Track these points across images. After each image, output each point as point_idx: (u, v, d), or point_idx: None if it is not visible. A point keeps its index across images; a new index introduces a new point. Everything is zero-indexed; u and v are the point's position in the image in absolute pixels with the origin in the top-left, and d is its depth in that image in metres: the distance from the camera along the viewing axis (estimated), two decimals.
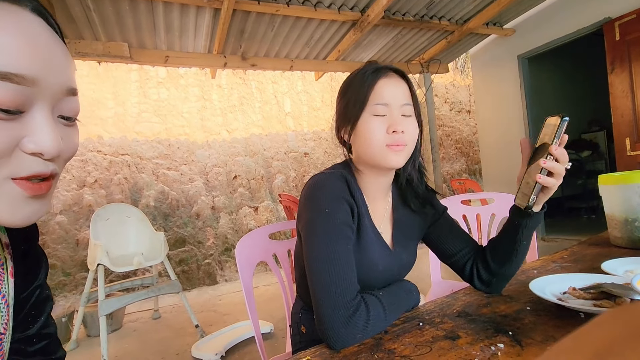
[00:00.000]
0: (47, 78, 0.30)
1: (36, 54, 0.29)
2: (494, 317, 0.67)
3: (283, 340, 2.16)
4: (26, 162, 0.30)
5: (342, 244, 0.65)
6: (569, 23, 3.22)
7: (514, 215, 0.70)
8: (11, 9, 0.29)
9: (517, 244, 0.71)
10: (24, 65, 0.28)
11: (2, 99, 0.27)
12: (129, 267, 2.23)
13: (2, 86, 0.27)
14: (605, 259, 0.89)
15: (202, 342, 2.16)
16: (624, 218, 0.99)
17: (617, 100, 2.93)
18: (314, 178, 0.73)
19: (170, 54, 2.98)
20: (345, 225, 0.67)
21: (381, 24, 2.99)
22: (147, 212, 3.63)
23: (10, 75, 0.27)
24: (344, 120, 0.75)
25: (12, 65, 0.27)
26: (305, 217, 0.69)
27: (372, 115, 0.70)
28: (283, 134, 4.56)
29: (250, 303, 1.02)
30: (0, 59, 0.27)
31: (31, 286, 0.44)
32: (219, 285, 3.77)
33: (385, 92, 0.70)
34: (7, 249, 0.41)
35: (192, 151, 4.03)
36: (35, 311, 0.44)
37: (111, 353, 2.18)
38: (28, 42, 0.29)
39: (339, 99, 0.78)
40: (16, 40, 0.28)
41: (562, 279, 0.76)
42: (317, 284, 0.63)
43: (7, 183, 0.30)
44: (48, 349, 0.46)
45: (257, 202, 4.28)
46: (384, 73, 0.72)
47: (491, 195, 1.51)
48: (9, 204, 0.30)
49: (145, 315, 2.92)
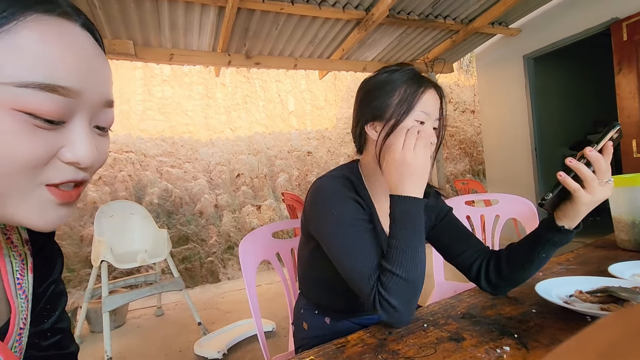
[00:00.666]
0: (90, 90, 0.32)
1: (82, 67, 0.31)
2: (499, 319, 0.67)
3: (285, 339, 2.16)
4: (61, 169, 0.31)
5: (358, 236, 0.66)
6: (576, 23, 3.19)
7: (542, 226, 0.67)
8: (63, 24, 0.30)
9: (534, 254, 0.68)
10: (71, 78, 0.30)
11: (48, 110, 0.28)
12: (132, 264, 2.24)
13: (48, 98, 0.28)
14: (612, 262, 0.88)
15: (205, 340, 2.17)
16: (631, 220, 0.98)
17: (624, 102, 2.90)
18: (317, 182, 0.73)
19: (175, 52, 2.98)
20: (356, 220, 0.67)
21: (386, 23, 2.98)
22: (150, 210, 3.64)
23: (58, 88, 0.29)
24: (377, 115, 0.73)
25: (60, 78, 0.29)
26: (314, 222, 0.70)
27: (414, 120, 0.70)
28: (286, 132, 4.56)
29: (253, 302, 1.02)
30: (50, 71, 0.28)
31: (47, 281, 0.45)
32: (222, 283, 3.78)
33: (429, 102, 0.71)
34: (27, 244, 0.42)
35: (196, 149, 4.04)
36: (50, 306, 0.45)
37: (114, 349, 2.20)
38: (76, 56, 0.30)
39: (367, 93, 0.76)
40: (66, 54, 0.29)
41: (568, 281, 0.75)
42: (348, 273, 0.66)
43: (41, 189, 0.31)
44: (62, 343, 0.46)
45: (260, 201, 4.28)
46: (429, 83, 0.73)
47: (496, 196, 1.50)
48: (39, 209, 0.31)
49: (148, 312, 2.93)
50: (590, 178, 0.56)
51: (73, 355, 0.48)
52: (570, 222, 0.62)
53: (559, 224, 0.63)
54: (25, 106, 0.27)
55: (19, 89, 0.27)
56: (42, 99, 0.28)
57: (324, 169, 4.69)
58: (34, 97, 0.28)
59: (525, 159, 3.85)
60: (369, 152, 0.77)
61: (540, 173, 3.75)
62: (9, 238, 0.41)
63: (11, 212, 0.30)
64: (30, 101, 0.27)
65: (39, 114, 0.28)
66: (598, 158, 0.55)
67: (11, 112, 0.27)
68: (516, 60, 3.79)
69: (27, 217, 0.31)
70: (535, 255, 0.68)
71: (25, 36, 0.27)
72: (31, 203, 0.31)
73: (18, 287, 0.40)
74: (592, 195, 0.57)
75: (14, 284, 0.40)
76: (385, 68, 0.75)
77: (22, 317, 0.40)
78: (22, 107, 0.27)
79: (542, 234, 0.66)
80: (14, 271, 0.40)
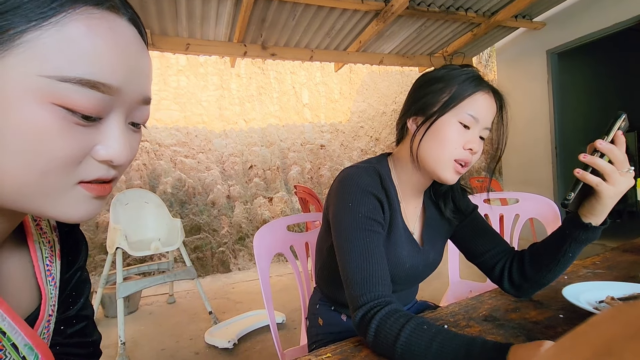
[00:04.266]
0: (130, 88, 0.31)
1: (126, 64, 0.30)
2: (524, 323, 0.64)
3: (295, 331, 2.17)
4: (93, 167, 0.31)
5: (365, 236, 0.63)
6: (605, 17, 3.05)
7: (567, 223, 0.65)
8: (111, 18, 0.29)
9: (560, 253, 0.66)
10: (114, 75, 0.29)
11: (86, 106, 0.28)
12: (146, 252, 2.27)
13: (88, 94, 0.27)
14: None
15: (216, 329, 2.19)
16: None
17: None
18: (344, 171, 0.71)
19: (191, 42, 2.98)
20: (370, 219, 0.64)
21: (405, 15, 2.91)
22: (164, 199, 3.69)
23: (99, 85, 0.28)
24: (422, 109, 0.70)
25: (103, 75, 0.28)
26: (332, 211, 0.68)
27: (457, 122, 0.66)
28: (300, 125, 4.54)
29: (267, 294, 1.01)
30: (93, 67, 0.27)
31: (73, 268, 0.45)
32: (232, 273, 3.81)
33: (481, 106, 0.67)
34: (55, 231, 0.43)
35: (210, 140, 4.06)
36: (75, 292, 0.45)
37: (127, 334, 2.24)
38: (121, 52, 0.29)
39: (420, 86, 0.73)
40: (111, 50, 0.29)
41: (597, 286, 0.72)
42: (342, 275, 0.64)
43: (76, 188, 0.30)
44: (86, 330, 0.47)
45: (272, 193, 4.29)
46: (487, 87, 0.69)
47: (516, 195, 1.46)
48: (75, 205, 0.31)
49: (160, 299, 2.98)
50: (610, 169, 0.54)
51: (96, 343, 0.49)
52: (596, 219, 0.61)
53: (586, 221, 0.61)
54: (65, 101, 0.27)
55: (62, 83, 0.26)
56: (83, 94, 0.27)
57: (336, 162, 4.66)
58: (75, 93, 0.27)
59: (545, 158, 3.74)
60: (404, 146, 0.75)
61: (561, 174, 3.64)
62: (38, 224, 0.41)
63: (46, 209, 0.30)
64: (70, 96, 0.27)
65: (77, 110, 0.27)
66: (611, 148, 0.55)
67: (51, 106, 0.26)
68: (539, 56, 3.66)
69: (63, 212, 0.31)
70: (561, 255, 0.66)
71: (73, 29, 0.27)
72: (66, 200, 0.30)
73: (47, 274, 0.40)
74: (615, 186, 0.55)
75: (44, 271, 0.40)
76: (447, 65, 0.72)
77: (51, 303, 0.40)
78: (61, 102, 0.27)
79: (568, 231, 0.64)
80: (44, 257, 0.40)
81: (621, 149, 0.55)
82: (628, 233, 1.06)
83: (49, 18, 0.26)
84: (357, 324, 0.58)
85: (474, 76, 0.69)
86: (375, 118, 4.93)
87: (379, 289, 0.58)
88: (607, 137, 0.56)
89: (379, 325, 0.53)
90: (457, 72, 0.69)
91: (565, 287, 0.70)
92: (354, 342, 0.62)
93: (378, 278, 0.59)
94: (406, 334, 0.50)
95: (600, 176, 0.56)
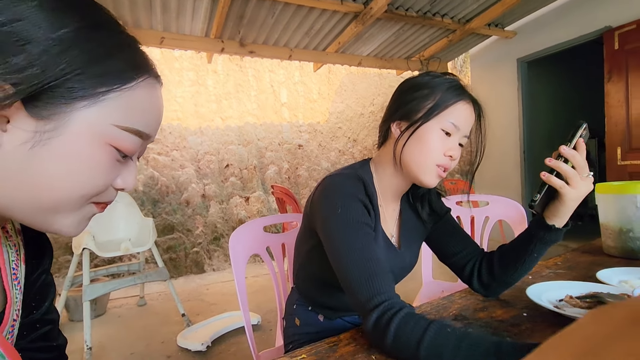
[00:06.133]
0: (154, 134, 0.39)
1: (159, 118, 0.39)
2: (491, 321, 0.67)
3: (270, 332, 2.16)
4: (109, 193, 0.37)
5: (360, 240, 0.63)
6: (570, 29, 3.23)
7: (533, 224, 0.69)
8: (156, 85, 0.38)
9: (527, 253, 0.70)
10: (152, 127, 0.37)
11: (130, 149, 0.35)
12: (116, 253, 2.18)
13: (135, 140, 0.35)
14: (599, 267, 0.90)
15: (189, 331, 2.14)
16: (618, 228, 1.00)
17: (612, 110, 2.96)
18: (328, 179, 0.71)
19: (166, 35, 2.89)
20: (361, 223, 0.65)
21: (383, 18, 2.95)
22: (135, 197, 3.56)
23: (144, 134, 0.36)
24: (406, 114, 0.71)
25: (147, 127, 0.36)
26: (320, 219, 0.68)
27: (440, 129, 0.69)
28: (278, 124, 4.51)
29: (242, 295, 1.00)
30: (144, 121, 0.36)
31: (37, 271, 0.45)
32: (207, 274, 3.74)
33: (462, 115, 0.70)
34: (20, 235, 0.43)
35: (184, 137, 3.96)
36: (39, 296, 0.45)
37: (94, 339, 2.15)
38: (158, 110, 0.38)
39: (404, 92, 0.74)
40: (154, 108, 0.37)
41: (558, 286, 0.76)
42: (343, 282, 0.62)
43: (89, 206, 0.36)
44: (50, 334, 0.46)
45: (248, 192, 4.24)
46: (468, 97, 0.71)
47: (486, 198, 1.52)
48: (78, 221, 0.36)
49: (130, 302, 2.88)
50: (572, 173, 0.59)
51: (61, 347, 0.48)
52: (560, 220, 0.65)
53: (550, 223, 0.66)
54: (119, 143, 0.34)
55: (123, 131, 0.34)
56: (131, 140, 0.35)
57: (314, 163, 4.67)
58: (127, 138, 0.35)
59: (514, 161, 3.91)
60: (386, 149, 0.76)
61: (528, 177, 3.81)
62: (3, 228, 0.41)
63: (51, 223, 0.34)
64: (124, 140, 0.34)
65: (123, 151, 0.35)
66: (574, 154, 0.59)
67: (108, 146, 0.33)
68: (510, 63, 3.82)
69: (66, 227, 0.35)
70: (527, 255, 0.70)
71: (140, 93, 0.35)
72: (75, 217, 0.35)
73: (13, 278, 0.41)
74: (577, 189, 0.60)
75: (10, 275, 0.40)
76: (430, 72, 0.74)
77: (15, 308, 0.40)
78: (115, 144, 0.34)
79: (534, 232, 0.68)
80: (10, 261, 0.41)
81: (582, 155, 0.60)
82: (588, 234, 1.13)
83: (128, 83, 0.34)
84: (372, 328, 0.55)
85: (457, 85, 0.71)
86: (354, 119, 4.97)
87: (386, 290, 0.57)
88: (570, 144, 0.60)
89: (399, 329, 0.52)
90: (440, 80, 0.71)
91: (529, 286, 0.73)
92: (329, 343, 0.63)
93: (382, 278, 0.58)
94: (430, 336, 0.49)
95: (563, 180, 0.60)
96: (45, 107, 0.30)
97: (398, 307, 0.55)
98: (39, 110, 0.30)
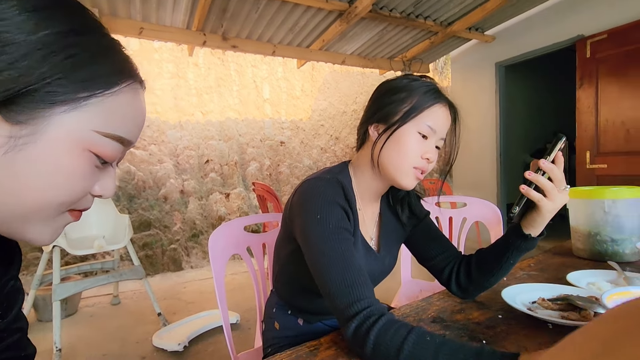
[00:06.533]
0: (135, 140, 0.38)
1: (141, 124, 0.38)
2: (467, 324, 0.69)
3: (249, 331, 2.14)
4: (87, 200, 0.36)
5: (339, 246, 0.62)
6: (546, 36, 3.35)
7: (510, 232, 0.71)
8: (139, 90, 0.37)
9: (503, 259, 0.72)
10: (134, 133, 0.36)
11: (111, 155, 0.34)
12: (88, 250, 2.10)
13: (116, 146, 0.34)
14: (569, 269, 0.94)
15: (165, 331, 2.10)
16: (587, 231, 1.04)
17: (582, 115, 3.09)
18: (306, 184, 0.70)
19: (145, 26, 2.79)
20: (341, 228, 0.64)
21: (368, 17, 2.96)
22: None
23: (125, 141, 0.35)
24: (384, 117, 0.72)
25: (129, 133, 0.35)
26: (299, 225, 0.67)
27: (417, 132, 0.69)
28: (260, 120, 4.45)
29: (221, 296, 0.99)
30: (127, 127, 0.35)
31: (5, 277, 0.42)
32: (184, 271, 3.67)
33: (438, 118, 0.70)
34: None
35: (163, 131, 3.85)
36: (7, 303, 0.42)
37: (64, 340, 2.07)
38: (141, 116, 0.38)
39: (382, 95, 0.74)
40: (138, 115, 0.37)
41: (531, 288, 0.78)
42: (322, 289, 0.61)
43: (64, 215, 0.35)
44: (19, 344, 0.44)
45: (229, 189, 4.18)
46: (445, 100, 0.72)
47: (464, 199, 1.55)
48: (53, 229, 0.35)
49: (103, 300, 2.78)
50: (550, 187, 0.61)
51: (30, 357, 0.46)
52: (535, 230, 0.67)
53: (526, 232, 0.68)
54: (99, 150, 0.33)
55: (102, 137, 0.33)
56: (112, 146, 0.34)
57: (296, 160, 4.65)
58: (108, 144, 0.33)
59: (491, 163, 4.03)
60: (365, 152, 0.76)
61: (503, 178, 3.94)
62: None
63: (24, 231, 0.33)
64: (104, 146, 0.33)
65: (103, 157, 0.34)
66: (552, 168, 0.61)
67: (87, 152, 0.32)
68: (488, 67, 3.92)
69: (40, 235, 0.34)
70: (504, 261, 0.72)
71: (123, 99, 0.34)
72: (50, 226, 0.34)
73: None
74: (553, 202, 0.62)
75: None
76: (408, 75, 0.74)
77: None
78: (95, 150, 0.33)
79: (511, 240, 0.70)
80: None
81: (560, 168, 0.62)
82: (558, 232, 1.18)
83: (111, 88, 0.32)
84: (351, 337, 0.55)
85: (434, 88, 0.72)
86: (336, 117, 4.98)
87: (366, 297, 0.57)
88: (549, 157, 0.62)
89: (378, 337, 0.51)
90: (418, 84, 0.71)
91: (504, 288, 0.76)
92: (310, 347, 0.62)
93: (362, 284, 0.58)
94: (409, 345, 0.49)
95: (541, 192, 0.62)
96: (23, 111, 0.29)
97: (378, 314, 0.55)
98: (15, 114, 0.29)
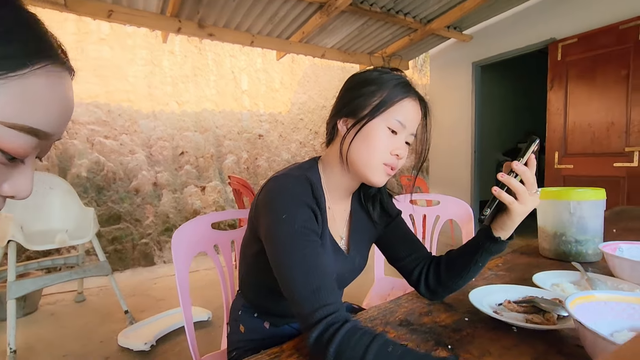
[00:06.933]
0: (58, 133, 0.32)
1: (64, 115, 0.32)
2: (434, 327, 0.68)
3: (220, 329, 2.09)
4: None
5: (304, 248, 0.59)
6: (520, 38, 3.42)
7: (479, 234, 0.70)
8: (62, 74, 0.31)
9: (472, 262, 0.71)
10: (53, 124, 0.31)
11: (20, 150, 0.29)
12: (49, 245, 1.98)
13: (27, 140, 0.29)
14: (535, 269, 0.95)
15: (131, 330, 2.02)
16: (553, 232, 1.06)
17: (552, 116, 3.20)
18: (273, 181, 0.66)
19: (115, 9, 2.65)
20: (307, 229, 0.61)
21: (348, 11, 2.93)
22: (77, 184, 3.27)
23: (40, 133, 0.30)
24: (353, 111, 0.69)
25: (46, 124, 0.30)
26: (264, 224, 0.63)
27: (386, 127, 0.67)
28: (238, 112, 4.35)
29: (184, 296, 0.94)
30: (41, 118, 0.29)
31: None
32: (156, 267, 3.55)
33: (408, 113, 0.68)
34: None
35: (135, 120, 3.69)
36: None
37: (21, 340, 1.95)
38: (63, 104, 0.32)
39: (351, 88, 0.71)
40: (57, 102, 0.31)
41: (497, 289, 0.79)
42: (286, 292, 0.58)
43: None
44: None
45: (204, 182, 4.07)
46: (415, 94, 0.70)
47: (438, 197, 1.56)
48: None
49: (66, 297, 2.65)
50: (522, 190, 0.60)
51: None
52: (505, 233, 0.67)
53: (496, 235, 0.67)
54: (4, 144, 0.28)
55: (7, 129, 0.28)
56: (22, 140, 0.29)
57: (274, 153, 4.58)
58: (15, 137, 0.28)
59: (465, 161, 4.11)
60: (334, 147, 0.73)
61: (477, 175, 4.04)
62: None
63: None
64: (11, 140, 0.28)
65: (11, 152, 0.29)
66: (525, 171, 0.60)
67: None
68: (465, 66, 3.99)
69: None
70: (473, 263, 0.72)
71: (34, 84, 0.29)
72: None
73: None
74: (525, 205, 0.61)
75: None
76: (378, 68, 0.71)
77: None
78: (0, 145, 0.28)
79: (480, 243, 0.69)
80: None
81: (532, 170, 0.61)
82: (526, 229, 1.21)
83: (16, 70, 0.27)
84: (313, 345, 0.52)
85: (404, 82, 0.70)
86: (316, 111, 4.94)
87: (330, 302, 0.54)
88: (522, 159, 0.61)
89: (340, 347, 0.49)
90: (388, 77, 0.69)
91: (472, 290, 0.75)
92: (271, 355, 0.60)
93: (327, 289, 0.55)
94: (370, 357, 0.47)
95: (513, 195, 0.61)
96: None
97: (341, 321, 0.52)
98: None
